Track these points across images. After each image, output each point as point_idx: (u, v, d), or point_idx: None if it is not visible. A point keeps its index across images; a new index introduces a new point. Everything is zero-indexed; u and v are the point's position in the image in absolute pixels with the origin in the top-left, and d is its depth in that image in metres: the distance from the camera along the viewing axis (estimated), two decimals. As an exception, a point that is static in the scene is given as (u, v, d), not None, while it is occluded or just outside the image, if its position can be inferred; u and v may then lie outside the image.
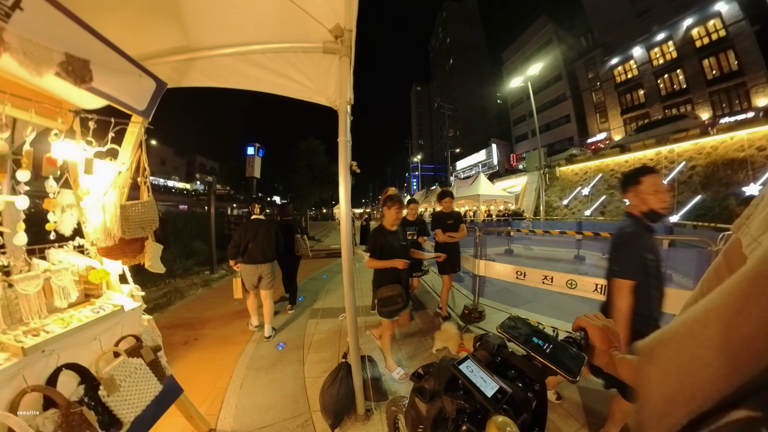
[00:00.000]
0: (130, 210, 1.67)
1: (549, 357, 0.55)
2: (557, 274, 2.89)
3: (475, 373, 0.55)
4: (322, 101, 1.64)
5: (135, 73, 1.63)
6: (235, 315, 3.95)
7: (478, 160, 43.62)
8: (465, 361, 0.59)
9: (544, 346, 0.58)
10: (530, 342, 0.59)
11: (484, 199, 14.84)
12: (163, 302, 4.71)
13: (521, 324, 0.64)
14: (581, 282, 2.80)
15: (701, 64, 21.94)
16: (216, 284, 5.66)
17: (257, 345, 3.06)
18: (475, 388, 0.52)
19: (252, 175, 8.40)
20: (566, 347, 0.57)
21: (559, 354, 0.56)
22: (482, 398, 0.50)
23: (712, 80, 21.55)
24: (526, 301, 4.04)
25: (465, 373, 0.56)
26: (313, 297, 4.44)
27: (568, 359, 0.54)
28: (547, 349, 0.57)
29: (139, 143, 1.81)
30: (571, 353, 0.56)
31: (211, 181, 6.29)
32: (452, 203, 3.25)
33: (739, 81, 20.29)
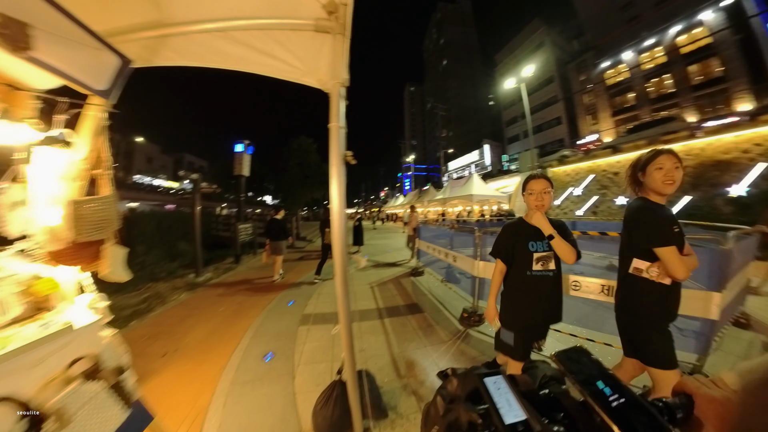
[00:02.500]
0: (84, 207, 1.42)
1: (614, 413, 0.38)
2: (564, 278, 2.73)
3: (501, 392, 0.44)
4: (311, 83, 1.43)
5: (92, 46, 1.37)
6: (219, 322, 3.68)
7: (471, 161, 43.91)
8: (495, 376, 0.48)
9: (612, 396, 0.40)
10: (592, 385, 0.42)
11: (477, 200, 14.77)
12: (142, 308, 4.40)
13: (587, 360, 0.47)
14: (586, 283, 2.65)
15: (688, 69, 22.73)
16: (200, 288, 5.35)
17: (243, 356, 2.82)
18: (494, 407, 0.42)
19: (240, 173, 8.10)
20: (646, 409, 0.40)
21: (630, 414, 0.38)
22: (498, 421, 0.40)
23: (698, 85, 22.37)
24: None
25: (488, 387, 0.45)
26: (303, 301, 4.20)
27: (642, 426, 0.37)
28: (614, 401, 0.40)
29: (99, 129, 1.56)
30: (652, 421, 0.38)
31: (196, 179, 5.97)
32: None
33: (722, 87, 21.11)
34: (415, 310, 3.66)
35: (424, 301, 4.06)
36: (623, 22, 27.84)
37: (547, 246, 1.54)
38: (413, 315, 3.50)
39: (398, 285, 4.92)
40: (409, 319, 3.35)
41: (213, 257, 8.32)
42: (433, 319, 3.37)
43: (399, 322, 3.28)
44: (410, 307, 3.76)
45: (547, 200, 1.54)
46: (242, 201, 8.31)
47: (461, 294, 4.11)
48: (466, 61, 62.04)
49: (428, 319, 3.35)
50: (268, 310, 3.90)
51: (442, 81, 63.19)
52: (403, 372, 2.35)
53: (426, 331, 3.06)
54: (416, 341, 2.84)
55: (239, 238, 7.43)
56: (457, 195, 16.00)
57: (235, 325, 3.57)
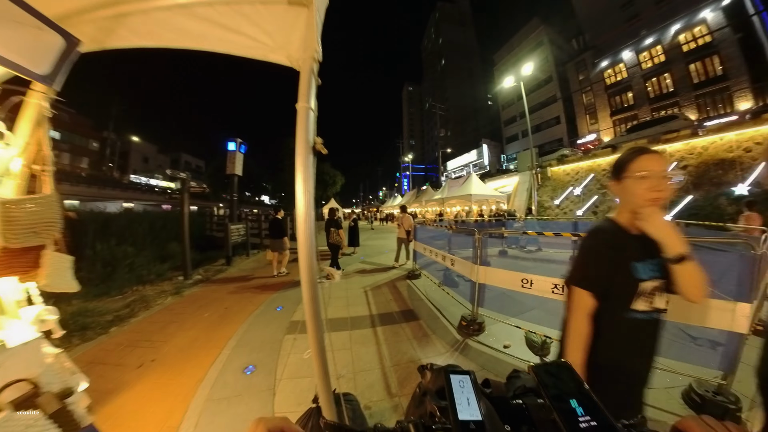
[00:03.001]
0: (17, 208, 1.21)
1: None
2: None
3: (463, 391, 0.42)
4: (280, 60, 1.22)
5: (31, 25, 1.17)
6: (203, 329, 3.47)
7: (469, 161, 43.74)
8: (462, 375, 0.45)
9: (582, 418, 0.37)
10: (564, 402, 0.39)
11: (476, 199, 14.59)
12: (124, 314, 4.19)
13: (568, 377, 0.44)
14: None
15: (688, 68, 22.65)
16: (188, 292, 5.13)
17: (223, 368, 2.61)
18: (451, 402, 0.40)
19: (233, 172, 7.88)
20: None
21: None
22: (452, 417, 0.38)
23: (698, 84, 22.28)
24: (529, 308, 3.68)
25: (452, 384, 0.43)
26: (292, 306, 3.98)
27: None
28: (584, 423, 0.36)
29: (40, 120, 1.35)
30: None
31: (184, 178, 5.74)
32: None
33: (723, 85, 21.01)
34: (410, 317, 3.45)
35: (421, 306, 3.85)
36: (622, 21, 27.75)
37: (662, 270, 0.93)
38: (408, 323, 3.29)
39: (393, 289, 4.72)
40: (404, 328, 3.14)
41: (205, 258, 8.10)
42: (430, 327, 3.16)
43: (392, 330, 3.08)
44: (405, 314, 3.56)
45: (668, 191, 0.92)
46: (234, 201, 8.08)
47: (459, 299, 3.90)
48: (464, 60, 61.89)
49: (424, 328, 3.14)
50: (255, 315, 3.68)
51: (440, 81, 63.03)
52: (394, 390, 2.14)
53: (421, 341, 2.85)
54: (410, 353, 2.63)
55: (231, 238, 7.21)
56: (456, 195, 15.82)
57: (219, 332, 3.36)
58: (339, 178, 27.32)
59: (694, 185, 12.49)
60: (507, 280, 2.76)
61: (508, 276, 2.76)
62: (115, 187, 29.13)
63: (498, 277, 2.83)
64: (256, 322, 3.50)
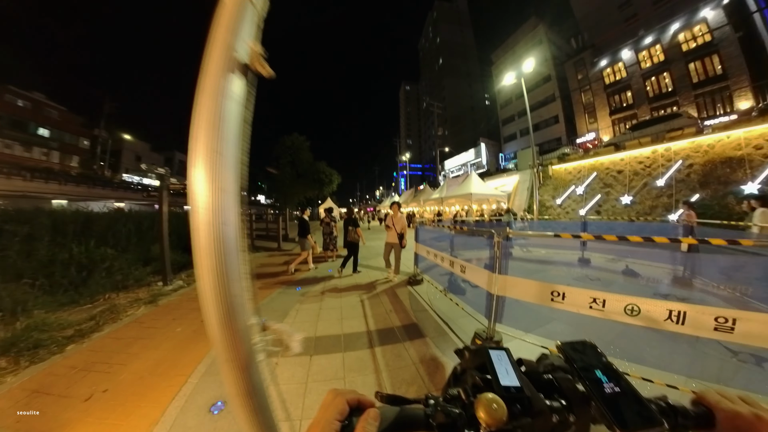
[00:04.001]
0: None
1: (606, 399, 0.40)
2: (611, 297, 2.05)
3: (502, 363, 0.46)
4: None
5: None
6: (171, 349, 2.95)
7: (467, 160, 43.38)
8: (500, 350, 0.48)
9: (607, 384, 0.42)
10: (590, 372, 0.45)
11: (476, 198, 14.15)
12: (87, 328, 3.66)
13: (591, 352, 0.49)
14: (647, 307, 1.97)
15: (687, 67, 22.52)
16: (165, 300, 4.59)
17: (185, 404, 2.10)
18: (493, 372, 0.44)
19: (220, 169, 7.32)
20: (642, 403, 0.40)
21: (621, 401, 0.40)
22: (495, 383, 0.41)
23: (698, 83, 22.15)
24: (546, 320, 3.21)
25: (492, 357, 0.46)
26: (277, 319, 3.46)
27: (630, 412, 0.38)
28: (609, 389, 0.41)
29: None
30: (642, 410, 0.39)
31: (164, 174, 5.21)
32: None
33: (723, 84, 20.85)
34: (414, 334, 2.94)
35: (425, 319, 3.35)
36: (620, 21, 27.67)
37: None
38: (412, 341, 2.78)
39: (393, 297, 4.22)
40: (408, 348, 2.64)
41: (189, 261, 7.56)
42: (438, 347, 2.66)
43: (394, 352, 2.57)
44: (408, 330, 3.05)
45: None
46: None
47: (468, 310, 3.41)
48: (462, 60, 61.61)
49: (431, 348, 2.64)
50: (234, 332, 3.18)
51: (438, 80, 62.70)
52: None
53: (429, 366, 2.35)
54: (417, 383, 2.13)
55: (217, 240, 6.66)
56: (455, 194, 15.37)
57: (188, 352, 2.85)
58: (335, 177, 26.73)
59: (700, 184, 12.18)
60: (532, 292, 2.28)
61: (533, 287, 2.28)
62: (105, 186, 28.29)
63: (521, 288, 2.34)
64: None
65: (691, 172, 12.67)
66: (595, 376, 0.44)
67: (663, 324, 1.94)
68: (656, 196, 13.05)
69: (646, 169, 13.81)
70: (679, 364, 2.30)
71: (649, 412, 0.39)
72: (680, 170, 12.88)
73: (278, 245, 9.40)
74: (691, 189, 12.33)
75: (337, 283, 5.26)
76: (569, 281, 5.80)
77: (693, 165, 12.73)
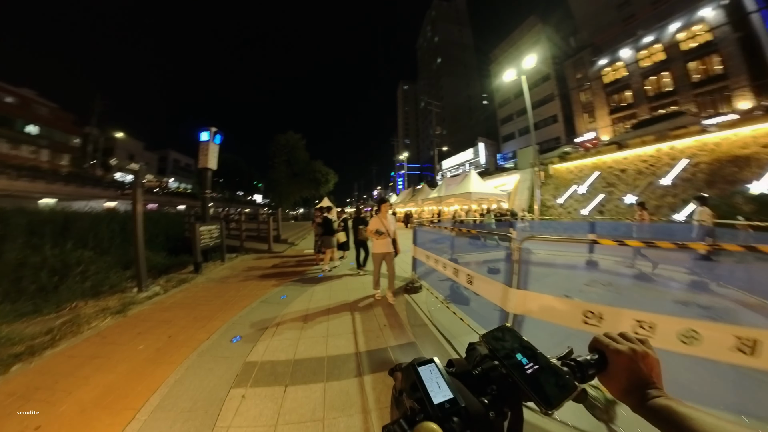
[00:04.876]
0: None
1: (526, 378, 0.47)
2: (661, 319, 1.64)
3: (432, 378, 0.46)
4: None
5: None
6: (127, 372, 2.50)
7: (465, 159, 43.03)
8: (428, 364, 0.49)
9: (528, 365, 0.49)
10: (511, 358, 0.51)
11: (476, 198, 13.76)
12: (41, 344, 3.20)
13: (510, 337, 0.56)
14: (708, 333, 1.55)
15: (687, 66, 22.48)
16: (136, 309, 4.13)
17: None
18: (424, 392, 0.44)
19: (206, 165, 6.85)
20: (557, 372, 0.48)
21: (541, 377, 0.47)
22: (428, 403, 0.42)
23: (698, 83, 22.04)
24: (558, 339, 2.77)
25: (422, 375, 0.47)
26: (255, 335, 3.01)
27: (550, 386, 0.46)
28: (529, 369, 0.48)
29: None
30: (559, 380, 0.47)
31: (137, 170, 4.74)
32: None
33: (722, 84, 20.75)
34: (411, 356, 2.51)
35: (425, 336, 2.91)
36: (619, 21, 27.67)
37: None
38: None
39: (388, 308, 3.77)
40: (405, 374, 2.22)
41: (176, 264, 7.10)
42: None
43: (387, 382, 2.15)
44: (405, 351, 2.60)
45: None
46: (206, 198, 7.06)
47: (474, 326, 2.97)
48: (460, 59, 61.32)
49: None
50: (201, 352, 2.71)
51: (436, 79, 62.37)
52: None
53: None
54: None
55: (200, 242, 6.19)
56: (454, 193, 14.97)
57: (144, 379, 2.40)
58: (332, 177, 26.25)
59: (707, 183, 11.87)
60: (561, 312, 1.84)
61: (562, 306, 1.84)
62: (96, 185, 27.59)
63: (546, 306, 1.90)
64: (200, 363, 2.54)
65: (698, 171, 12.37)
66: (517, 360, 0.50)
67: (729, 355, 1.52)
68: (661, 196, 12.72)
69: (650, 168, 13.47)
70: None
71: (564, 380, 0.47)
72: (686, 169, 12.56)
73: (269, 247, 8.91)
74: (697, 188, 12.02)
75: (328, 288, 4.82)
76: (580, 287, 5.39)
77: (699, 164, 12.44)
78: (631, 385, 0.46)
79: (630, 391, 0.46)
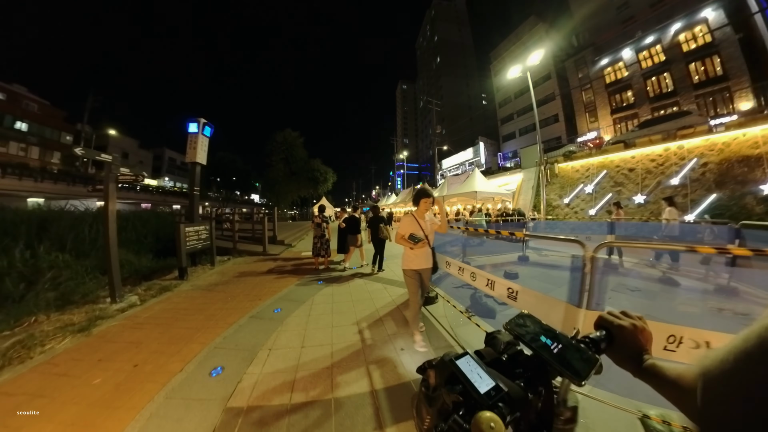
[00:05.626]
0: None
1: (555, 357, 0.53)
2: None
3: (472, 369, 0.50)
4: None
5: None
6: (72, 419, 1.91)
7: (465, 159, 42.65)
8: (463, 357, 0.54)
9: (552, 345, 0.55)
10: (537, 341, 0.57)
11: (481, 197, 13.23)
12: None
13: (530, 322, 0.63)
14: None
15: (688, 67, 22.41)
16: (103, 326, 3.51)
17: None
18: (469, 383, 0.48)
19: (194, 159, 6.25)
20: (579, 348, 0.54)
21: (567, 354, 0.53)
22: (475, 394, 0.46)
23: (699, 84, 21.98)
24: None
25: (461, 368, 0.51)
26: (239, 367, 2.39)
27: (577, 361, 0.52)
28: (555, 348, 0.55)
29: None
30: (582, 355, 0.53)
31: (109, 162, 4.14)
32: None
33: (724, 85, 20.58)
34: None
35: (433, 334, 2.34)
36: (618, 23, 27.65)
37: None
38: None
39: (402, 324, 3.21)
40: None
41: (161, 268, 6.49)
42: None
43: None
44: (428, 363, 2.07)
45: None
46: (195, 196, 6.45)
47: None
48: (460, 58, 61.05)
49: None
50: (170, 391, 2.11)
51: (435, 79, 62.02)
52: None
53: None
54: None
55: (186, 245, 5.58)
56: (458, 192, 14.42)
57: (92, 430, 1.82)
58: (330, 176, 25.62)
59: (716, 183, 11.52)
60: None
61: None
62: (86, 183, 26.68)
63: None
64: (166, 410, 1.94)
65: (707, 171, 12.02)
66: (542, 342, 0.56)
67: None
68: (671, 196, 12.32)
69: (659, 167, 13.07)
70: None
71: (587, 354, 0.52)
72: (695, 169, 12.19)
73: (263, 249, 8.28)
74: (707, 189, 11.66)
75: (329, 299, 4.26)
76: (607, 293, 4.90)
77: (708, 164, 12.09)
78: (631, 354, 0.55)
79: (630, 358, 0.54)
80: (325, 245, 6.22)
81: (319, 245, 6.16)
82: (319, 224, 6.19)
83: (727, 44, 19.96)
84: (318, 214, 6.32)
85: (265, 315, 3.48)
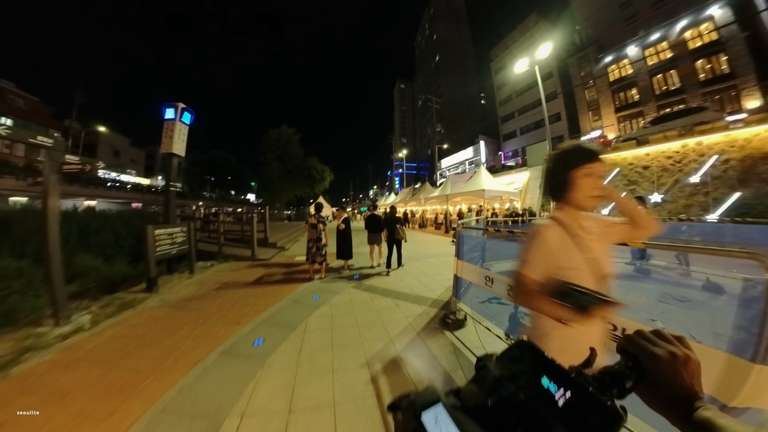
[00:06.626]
0: None
1: (560, 414, 0.33)
2: None
3: (439, 425, 0.34)
4: None
5: None
6: None
7: (465, 158, 42.00)
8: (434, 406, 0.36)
9: (558, 393, 0.35)
10: (537, 386, 0.36)
11: (488, 195, 12.49)
12: None
13: (530, 355, 0.40)
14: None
15: (694, 65, 22.04)
16: (33, 361, 2.64)
17: None
18: None
19: (170, 150, 5.37)
20: (595, 398, 0.34)
21: (575, 410, 0.34)
22: None
23: (705, 82, 21.54)
24: None
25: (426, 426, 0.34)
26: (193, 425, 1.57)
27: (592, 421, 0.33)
28: (560, 399, 0.34)
29: None
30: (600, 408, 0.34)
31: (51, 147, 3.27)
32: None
33: (730, 83, 20.29)
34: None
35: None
36: (621, 21, 27.32)
37: None
38: None
39: (432, 365, 2.38)
40: None
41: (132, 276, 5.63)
42: None
43: None
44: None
45: None
46: (171, 194, 5.57)
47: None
48: (458, 57, 60.50)
49: None
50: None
51: (434, 77, 61.41)
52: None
53: None
54: None
55: (155, 250, 4.69)
56: (463, 191, 13.65)
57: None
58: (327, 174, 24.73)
59: (739, 181, 10.85)
60: None
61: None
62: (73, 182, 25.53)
63: None
64: None
65: (729, 168, 11.34)
66: (543, 389, 0.37)
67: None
68: (690, 194, 11.64)
69: (676, 164, 12.37)
70: None
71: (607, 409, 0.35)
72: (716, 166, 11.51)
73: (252, 253, 7.39)
74: (729, 187, 10.99)
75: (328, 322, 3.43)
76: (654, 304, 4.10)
77: (730, 160, 11.41)
78: (673, 397, 0.38)
79: (672, 404, 0.37)
80: (321, 250, 5.38)
81: (314, 250, 5.31)
82: (314, 225, 5.34)
83: (734, 42, 19.77)
84: (314, 213, 5.48)
85: (241, 350, 2.60)
